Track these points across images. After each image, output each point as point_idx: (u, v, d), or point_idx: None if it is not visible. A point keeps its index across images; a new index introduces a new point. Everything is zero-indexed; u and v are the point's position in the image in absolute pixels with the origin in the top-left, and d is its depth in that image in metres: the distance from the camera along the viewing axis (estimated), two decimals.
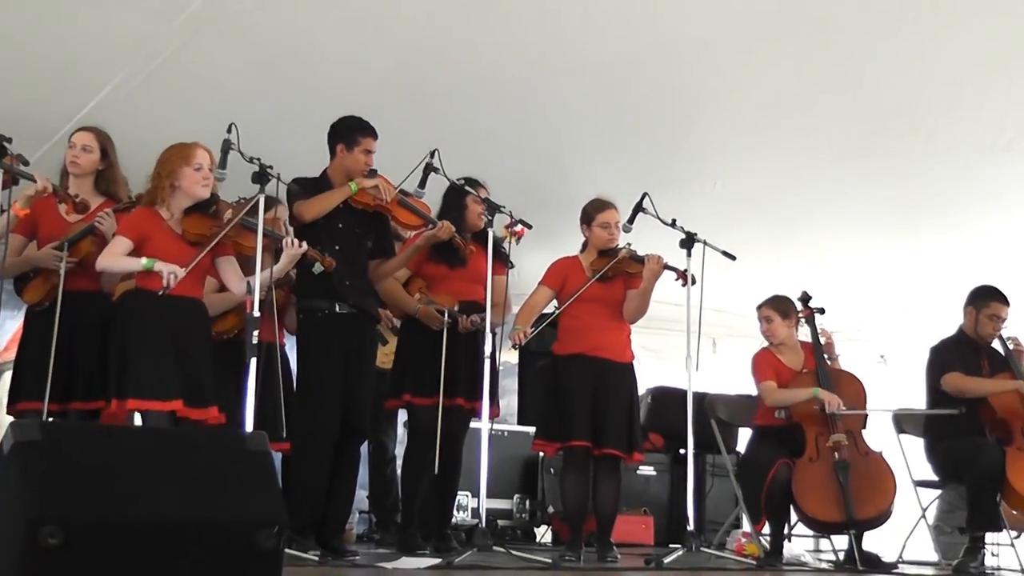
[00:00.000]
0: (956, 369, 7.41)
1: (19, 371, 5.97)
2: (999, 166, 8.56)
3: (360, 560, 5.99)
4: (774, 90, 7.97)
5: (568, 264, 6.84)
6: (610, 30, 7.29)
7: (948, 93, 7.94)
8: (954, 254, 9.35)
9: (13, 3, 6.76)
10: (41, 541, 2.87)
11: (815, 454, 7.13)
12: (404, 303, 6.65)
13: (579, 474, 6.70)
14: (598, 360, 6.64)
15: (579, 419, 6.55)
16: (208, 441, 4.44)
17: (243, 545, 3.15)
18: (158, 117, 7.27)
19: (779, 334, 7.45)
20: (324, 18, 7.13)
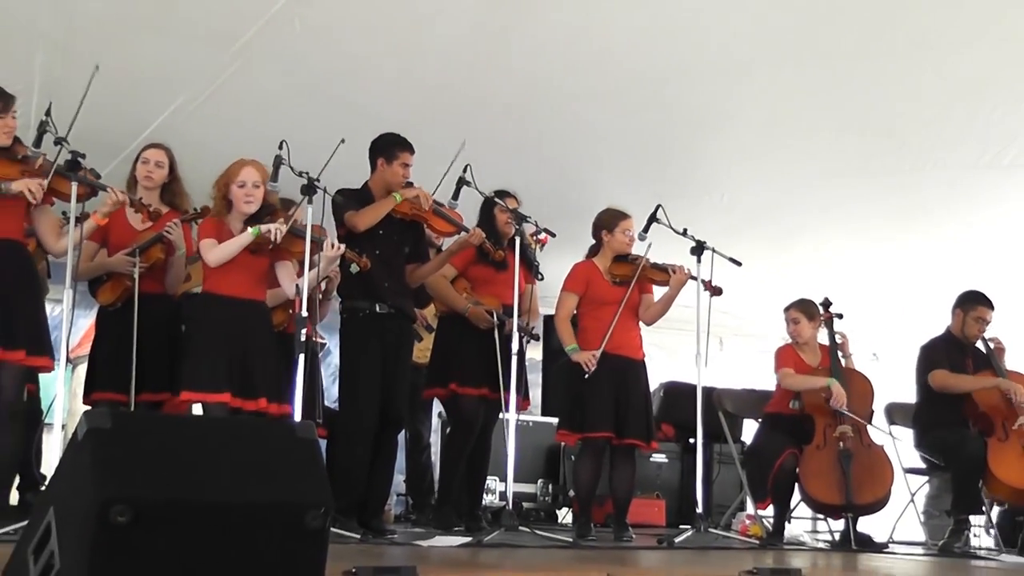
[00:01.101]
0: (943, 367, 7.43)
1: (93, 365, 5.99)
2: (982, 182, 8.62)
3: (398, 538, 5.98)
4: (777, 112, 8.01)
5: (588, 268, 6.82)
6: (627, 58, 7.34)
7: (936, 116, 8.00)
8: (941, 260, 9.32)
9: (90, 33, 6.82)
10: (111, 518, 2.88)
11: (822, 442, 7.16)
12: (454, 301, 6.67)
13: (594, 462, 6.72)
14: (617, 357, 6.63)
15: (602, 412, 6.54)
16: (260, 429, 4.46)
17: (292, 525, 3.15)
18: (215, 135, 7.30)
19: (804, 334, 7.47)
20: (366, 45, 7.17)
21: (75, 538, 2.96)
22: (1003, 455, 7.13)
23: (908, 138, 8.28)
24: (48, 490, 3.40)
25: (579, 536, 6.44)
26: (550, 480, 9.02)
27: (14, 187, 5.13)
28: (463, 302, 6.65)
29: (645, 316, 6.87)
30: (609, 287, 6.74)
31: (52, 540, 3.02)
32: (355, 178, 6.34)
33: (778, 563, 5.37)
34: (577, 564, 4.92)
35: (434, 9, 6.99)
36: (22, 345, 5.15)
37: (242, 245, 5.51)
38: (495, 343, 6.52)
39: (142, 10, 6.82)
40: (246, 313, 5.62)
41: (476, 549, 5.60)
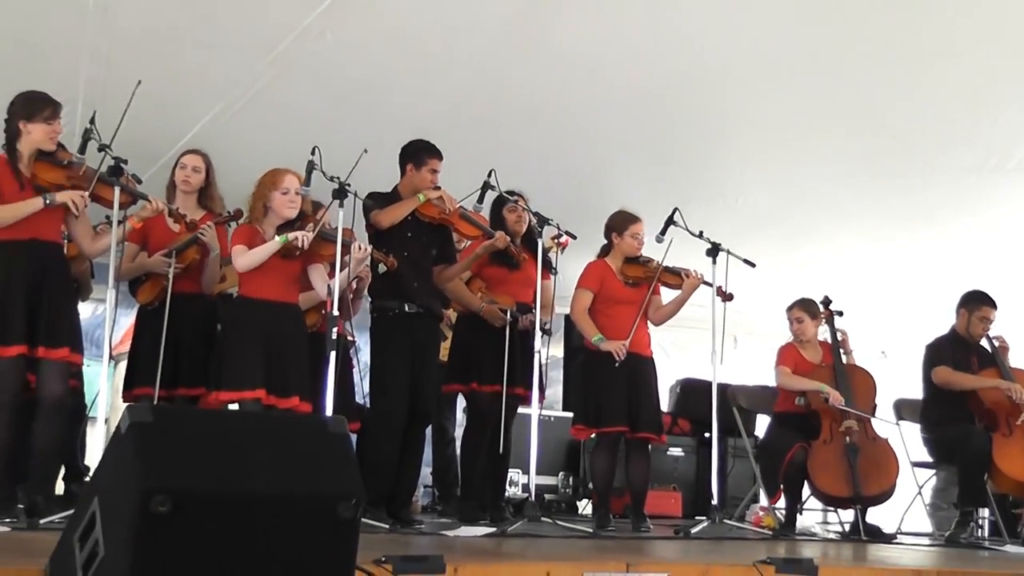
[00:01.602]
0: (946, 364, 7.42)
1: (133, 361, 6.02)
2: (986, 185, 8.61)
3: (425, 528, 5.99)
4: (789, 117, 8.00)
5: (601, 267, 6.80)
6: (644, 66, 7.35)
7: (941, 120, 8.00)
8: (947, 260, 9.29)
9: (131, 45, 6.85)
10: (152, 508, 2.89)
11: (829, 437, 7.17)
12: (469, 301, 6.67)
13: (610, 455, 6.71)
14: (629, 355, 6.60)
15: (616, 407, 6.54)
16: (295, 424, 4.48)
17: (325, 515, 3.16)
18: (250, 142, 7.33)
19: (807, 332, 7.49)
20: (395, 56, 7.19)
21: (118, 527, 2.97)
22: (1007, 450, 7.13)
23: (915, 142, 8.26)
24: (92, 481, 3.42)
25: (599, 527, 6.44)
26: (571, 473, 9.02)
27: (59, 198, 5.16)
28: (478, 301, 6.65)
29: (655, 316, 6.87)
30: (622, 287, 6.74)
31: (96, 529, 3.04)
32: (384, 183, 6.35)
33: (790, 553, 5.35)
34: (597, 554, 4.92)
35: (459, 23, 7.02)
36: (65, 343, 5.18)
37: (270, 252, 5.52)
38: (513, 340, 6.52)
39: (181, 23, 6.86)
40: (280, 315, 5.63)
41: (500, 539, 5.61)
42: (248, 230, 5.68)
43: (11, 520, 4.97)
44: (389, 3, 6.82)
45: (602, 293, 6.71)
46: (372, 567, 3.55)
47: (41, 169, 5.26)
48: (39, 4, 6.64)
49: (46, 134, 5.27)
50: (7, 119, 5.30)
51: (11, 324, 5.11)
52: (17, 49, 6.87)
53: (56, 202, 5.15)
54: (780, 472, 7.28)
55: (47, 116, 5.28)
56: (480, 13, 6.98)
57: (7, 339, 5.10)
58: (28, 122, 5.26)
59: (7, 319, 5.11)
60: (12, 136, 5.28)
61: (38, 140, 5.26)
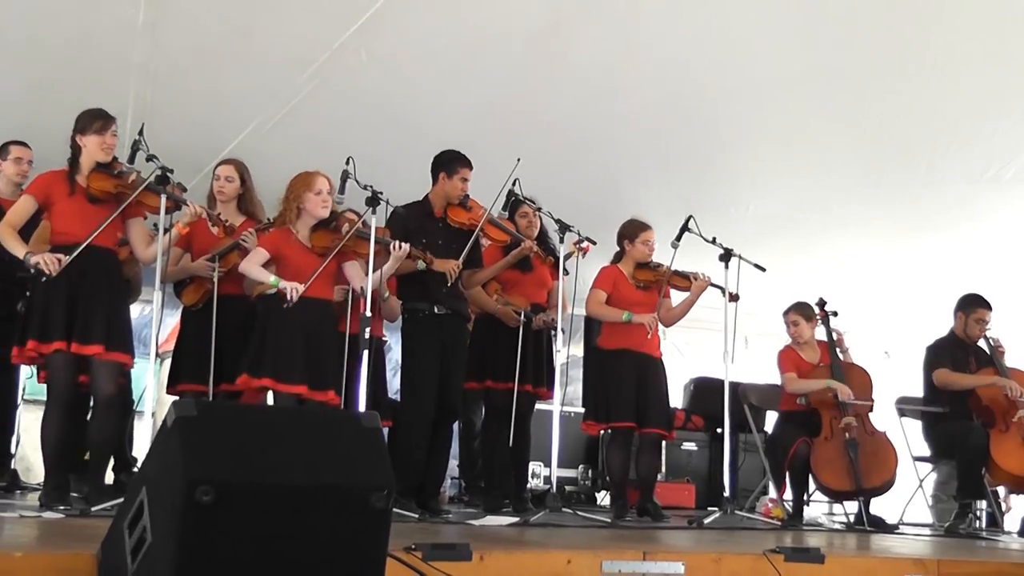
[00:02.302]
0: (945, 366, 7.44)
1: (177, 359, 6.05)
2: (985, 194, 8.61)
3: (452, 518, 5.99)
4: (796, 129, 8.01)
5: (614, 271, 6.77)
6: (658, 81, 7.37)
7: (944, 133, 8.02)
8: (947, 266, 9.26)
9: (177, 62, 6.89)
10: (197, 498, 2.90)
11: (830, 434, 7.17)
12: (485, 303, 6.67)
13: (623, 449, 6.71)
14: (640, 354, 6.60)
15: (624, 404, 6.53)
16: (330, 419, 4.49)
17: (359, 505, 3.16)
18: (288, 152, 7.33)
19: (804, 334, 7.48)
20: (424, 71, 7.21)
21: (165, 515, 2.98)
22: (1004, 445, 7.15)
23: (918, 153, 8.28)
24: (140, 471, 3.43)
25: (617, 517, 6.43)
26: (590, 465, 9.01)
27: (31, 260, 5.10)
28: (493, 303, 6.64)
29: (666, 318, 6.85)
30: (634, 290, 6.72)
31: (144, 516, 3.05)
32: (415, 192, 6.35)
33: (798, 542, 5.35)
34: (615, 543, 4.91)
35: (486, 39, 7.04)
36: (99, 341, 5.20)
37: (262, 280, 5.55)
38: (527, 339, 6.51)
39: (223, 41, 6.90)
40: (315, 311, 5.62)
41: (523, 528, 5.60)
42: (278, 233, 5.70)
43: (64, 507, 5.01)
44: (419, 22, 6.83)
45: (615, 296, 6.69)
46: (403, 554, 3.56)
47: (95, 179, 5.30)
48: (91, 25, 6.68)
49: (99, 146, 5.32)
50: (72, 135, 5.36)
51: (52, 321, 5.13)
52: (71, 67, 6.92)
53: (30, 263, 5.12)
54: (784, 465, 7.31)
55: (99, 129, 5.33)
56: (504, 31, 7.01)
57: (48, 335, 5.13)
58: (83, 135, 5.33)
59: (49, 316, 5.15)
60: (75, 150, 5.35)
61: (93, 152, 5.32)
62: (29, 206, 5.30)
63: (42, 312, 5.17)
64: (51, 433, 5.24)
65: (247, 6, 6.76)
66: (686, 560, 4.31)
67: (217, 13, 6.77)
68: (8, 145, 6.45)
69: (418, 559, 3.61)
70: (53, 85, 6.93)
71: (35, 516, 4.80)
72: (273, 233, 5.72)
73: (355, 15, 6.71)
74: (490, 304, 6.63)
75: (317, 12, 6.76)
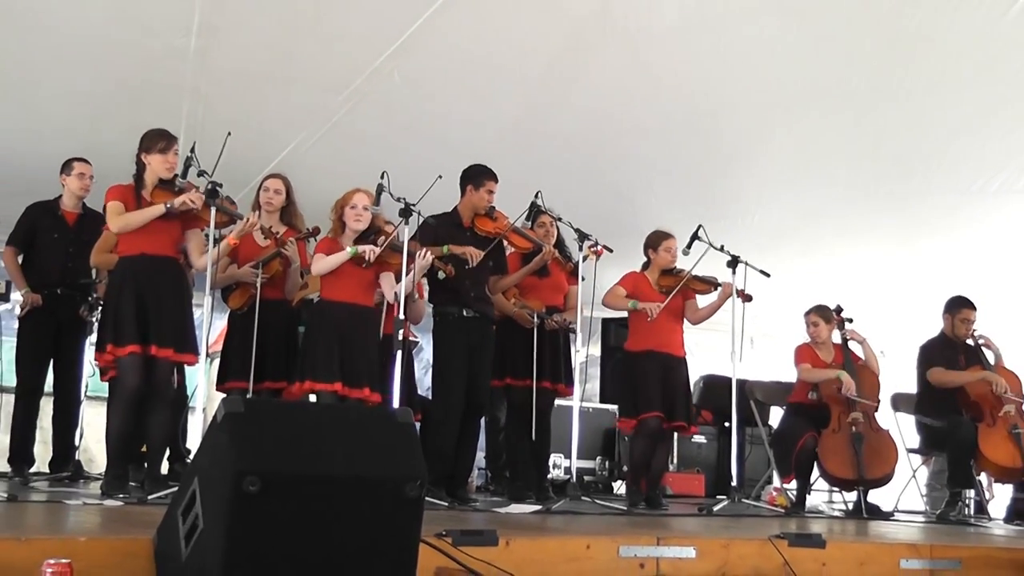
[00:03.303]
0: (938, 364, 7.42)
1: (225, 359, 6.06)
2: (973, 205, 8.62)
3: (479, 506, 5.99)
4: (798, 144, 8.02)
5: (637, 277, 6.74)
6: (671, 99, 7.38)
7: (936, 149, 8.06)
8: (938, 271, 9.23)
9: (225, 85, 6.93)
10: (244, 487, 2.91)
11: (838, 427, 7.17)
12: (504, 307, 6.61)
13: (649, 441, 6.59)
14: (665, 355, 6.58)
15: (652, 397, 6.48)
16: (366, 414, 4.50)
17: (394, 494, 3.17)
18: (327, 167, 7.37)
19: (822, 335, 7.46)
20: (453, 91, 7.23)
21: (215, 503, 3.00)
22: (991, 438, 7.15)
23: (912, 167, 8.28)
24: (193, 463, 3.45)
25: (631, 504, 6.42)
26: (607, 457, 9.00)
27: (176, 202, 5.23)
28: (510, 306, 6.61)
29: (692, 318, 6.78)
30: (656, 294, 6.67)
31: (197, 504, 3.07)
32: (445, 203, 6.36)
33: (801, 529, 5.33)
34: (631, 529, 4.91)
35: (509, 62, 7.06)
36: (170, 344, 5.24)
37: (342, 260, 5.56)
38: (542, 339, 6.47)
39: (267, 65, 6.93)
40: (355, 315, 5.64)
41: (545, 515, 5.60)
42: (329, 242, 5.72)
43: (123, 496, 5.05)
44: (449, 46, 6.84)
45: (634, 297, 6.63)
46: (434, 539, 3.57)
47: (158, 194, 5.34)
48: (147, 51, 6.72)
49: (162, 164, 5.36)
50: (137, 153, 5.40)
51: (125, 327, 5.17)
52: (129, 90, 6.96)
53: (175, 206, 5.22)
54: (792, 456, 7.27)
55: (162, 148, 5.37)
56: (525, 55, 7.04)
57: (122, 339, 5.17)
58: (148, 154, 5.37)
59: (122, 322, 5.18)
60: (140, 167, 5.39)
61: (156, 169, 5.36)
62: (122, 208, 5.30)
63: (115, 318, 5.22)
64: (115, 427, 5.29)
65: (289, 33, 6.78)
66: (697, 545, 4.31)
67: (261, 40, 6.80)
68: (72, 161, 6.50)
69: (448, 544, 3.61)
70: (113, 107, 6.98)
71: (97, 504, 4.84)
72: (327, 240, 5.75)
73: (389, 41, 6.73)
74: (508, 307, 6.61)
75: (354, 38, 6.78)
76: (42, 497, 5.25)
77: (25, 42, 6.59)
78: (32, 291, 6.35)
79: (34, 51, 6.67)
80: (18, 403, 6.48)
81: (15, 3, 6.35)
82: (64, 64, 6.77)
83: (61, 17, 6.46)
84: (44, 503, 4.97)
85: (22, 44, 6.60)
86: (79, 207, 6.51)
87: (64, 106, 7.06)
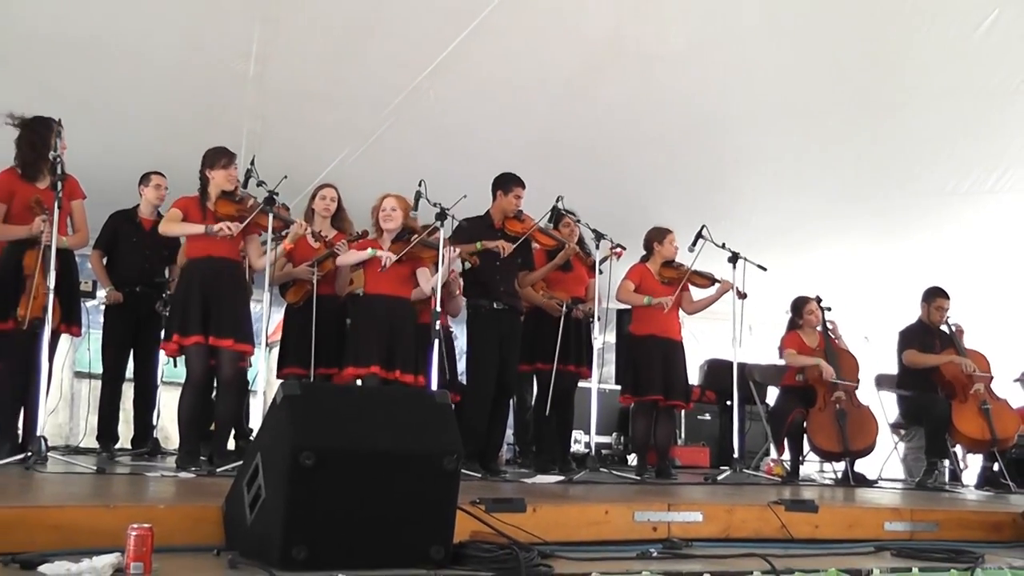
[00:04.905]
0: (914, 347, 7.39)
1: (283, 347, 6.07)
2: (945, 205, 8.66)
3: (508, 477, 5.97)
4: (791, 153, 8.04)
5: (642, 269, 6.70)
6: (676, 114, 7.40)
7: (912, 155, 8.09)
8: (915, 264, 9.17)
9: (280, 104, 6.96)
10: (301, 461, 2.92)
11: (823, 405, 7.13)
12: (534, 299, 6.59)
13: (646, 418, 6.64)
14: (664, 339, 6.55)
15: (652, 379, 6.46)
16: (409, 396, 4.52)
17: (433, 467, 3.17)
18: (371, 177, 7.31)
19: (814, 321, 7.40)
20: (483, 108, 7.26)
21: (276, 475, 3.01)
22: (963, 414, 7.15)
23: (889, 173, 8.32)
24: (256, 440, 3.47)
25: (637, 474, 6.40)
26: (622, 433, 8.98)
27: (214, 228, 5.24)
28: (540, 297, 6.59)
29: (688, 308, 6.76)
30: (658, 284, 6.64)
31: (259, 476, 3.09)
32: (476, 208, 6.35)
33: (796, 495, 5.30)
34: (644, 496, 4.89)
35: (531, 83, 7.09)
36: (229, 335, 5.26)
37: (361, 258, 5.61)
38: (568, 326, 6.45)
39: (318, 87, 6.97)
40: (394, 306, 5.63)
41: (568, 485, 5.60)
42: (367, 242, 5.74)
43: (196, 469, 5.07)
44: (477, 69, 6.86)
45: (642, 287, 6.60)
46: (470, 507, 3.57)
47: (221, 205, 5.36)
48: (211, 77, 6.79)
49: (225, 178, 5.39)
50: (200, 169, 5.42)
51: (190, 319, 5.20)
52: (195, 110, 7.01)
53: (212, 232, 5.24)
54: (783, 431, 7.30)
55: (224, 164, 5.41)
56: (546, 76, 7.08)
57: (187, 330, 5.20)
58: (212, 170, 5.39)
59: (187, 316, 5.22)
60: (203, 182, 5.41)
61: (220, 183, 5.39)
62: (180, 216, 5.35)
63: (182, 311, 5.25)
64: (186, 409, 5.31)
65: (336, 59, 6.81)
66: (704, 510, 4.31)
67: (312, 64, 6.84)
68: (149, 175, 6.54)
69: (482, 511, 3.62)
70: (182, 125, 7.01)
71: (172, 476, 4.88)
72: (367, 240, 5.76)
73: (423, 65, 6.77)
74: (537, 298, 6.59)
75: (392, 63, 6.81)
76: (125, 470, 5.27)
77: (108, 71, 6.66)
78: (115, 289, 6.39)
79: (116, 79, 6.74)
80: (104, 388, 6.53)
81: (101, 38, 6.40)
82: (141, 89, 6.83)
83: (138, 49, 6.52)
84: (127, 475, 5.00)
85: (106, 73, 6.67)
86: (154, 215, 6.54)
87: (141, 126, 7.10)
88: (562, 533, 3.83)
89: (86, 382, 7.86)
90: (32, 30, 6.29)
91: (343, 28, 6.61)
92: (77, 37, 6.36)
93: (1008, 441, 7.20)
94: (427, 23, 6.56)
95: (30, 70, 6.50)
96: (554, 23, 6.70)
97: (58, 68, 6.52)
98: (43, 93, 6.21)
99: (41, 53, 6.43)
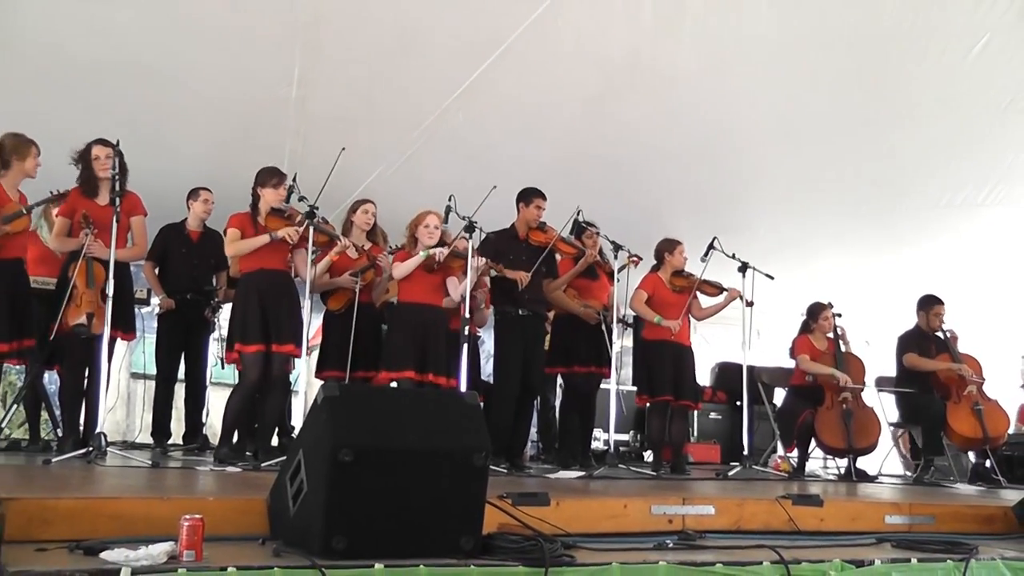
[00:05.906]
0: (912, 351, 7.38)
1: (323, 351, 6.09)
2: (941, 217, 8.68)
3: (532, 472, 5.96)
4: (796, 169, 8.04)
5: (655, 279, 6.69)
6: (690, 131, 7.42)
7: (909, 170, 8.12)
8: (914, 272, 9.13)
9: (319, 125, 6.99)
10: (340, 458, 2.93)
11: (831, 405, 7.13)
12: (568, 306, 6.51)
13: (660, 418, 6.63)
14: (675, 344, 6.52)
15: (663, 382, 6.46)
16: (440, 397, 4.53)
17: (464, 463, 3.17)
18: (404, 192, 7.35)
19: (827, 327, 7.37)
20: (507, 127, 7.28)
21: (316, 470, 3.02)
22: (957, 414, 7.15)
23: (888, 188, 8.32)
24: (298, 437, 3.48)
25: (653, 470, 6.38)
26: (639, 431, 8.95)
27: (279, 234, 5.31)
28: (576, 305, 6.56)
29: (698, 314, 6.74)
30: (670, 293, 6.63)
31: (301, 471, 3.10)
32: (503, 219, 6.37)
33: (801, 490, 5.26)
34: (660, 491, 4.87)
35: (553, 103, 7.11)
36: (289, 341, 5.30)
37: (418, 262, 5.58)
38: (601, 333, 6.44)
39: (354, 109, 7.01)
40: (427, 313, 5.64)
41: (588, 480, 5.58)
42: (404, 254, 5.75)
43: (242, 463, 5.10)
44: (503, 91, 6.88)
45: (654, 296, 6.59)
46: (497, 500, 3.57)
47: (271, 221, 5.39)
48: (256, 100, 6.85)
49: (274, 196, 5.43)
50: (253, 187, 5.47)
51: (251, 329, 5.24)
52: (242, 131, 7.06)
53: (277, 237, 5.30)
54: (794, 431, 7.26)
55: (275, 184, 5.45)
56: (568, 97, 7.10)
57: (248, 339, 5.24)
58: (263, 188, 5.44)
59: (249, 325, 5.25)
60: (255, 198, 5.46)
61: (270, 200, 5.43)
62: (239, 235, 5.38)
63: (242, 321, 5.29)
64: (234, 408, 5.34)
65: (372, 84, 6.85)
66: (716, 504, 4.29)
67: (349, 88, 6.88)
68: (198, 190, 6.59)
69: (509, 504, 3.62)
70: (229, 144, 7.07)
71: (220, 470, 4.91)
72: (403, 252, 5.78)
73: (453, 89, 6.81)
74: (574, 306, 6.52)
75: (424, 87, 6.85)
76: (177, 465, 5.32)
77: (162, 96, 6.72)
78: (167, 297, 6.44)
79: (169, 103, 6.80)
80: (157, 388, 6.57)
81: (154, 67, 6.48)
82: (191, 112, 6.89)
83: (189, 75, 6.60)
84: (179, 469, 5.04)
85: (160, 98, 6.73)
86: (201, 227, 6.59)
87: (190, 145, 7.16)
88: (583, 525, 3.82)
89: (141, 383, 7.92)
90: (96, 60, 6.40)
91: (378, 55, 6.66)
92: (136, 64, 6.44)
93: (999, 439, 7.18)
94: (456, 50, 6.60)
95: (94, 96, 6.57)
96: (575, 47, 6.72)
97: (117, 93, 6.60)
98: (99, 116, 6.29)
99: (102, 80, 6.50)
